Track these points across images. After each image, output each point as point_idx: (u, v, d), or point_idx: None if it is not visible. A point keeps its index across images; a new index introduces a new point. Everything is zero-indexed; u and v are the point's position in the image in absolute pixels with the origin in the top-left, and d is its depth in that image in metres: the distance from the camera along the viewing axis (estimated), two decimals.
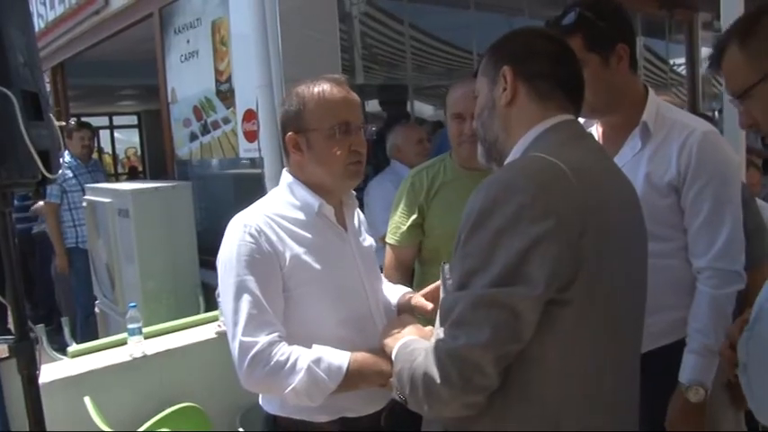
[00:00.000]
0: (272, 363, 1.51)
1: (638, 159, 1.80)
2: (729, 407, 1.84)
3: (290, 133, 1.66)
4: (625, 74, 1.81)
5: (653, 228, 1.68)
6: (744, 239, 1.77)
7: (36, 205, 5.64)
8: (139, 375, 2.64)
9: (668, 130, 1.79)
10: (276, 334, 1.54)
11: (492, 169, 1.45)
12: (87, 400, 2.36)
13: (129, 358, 2.64)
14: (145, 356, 2.66)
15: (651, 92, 1.87)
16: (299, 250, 1.61)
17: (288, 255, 1.59)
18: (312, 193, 1.67)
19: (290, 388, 1.51)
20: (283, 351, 1.53)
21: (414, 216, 2.33)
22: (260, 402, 1.74)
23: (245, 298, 1.54)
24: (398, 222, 2.37)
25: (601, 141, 1.92)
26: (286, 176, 1.73)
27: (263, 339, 1.52)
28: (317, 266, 1.62)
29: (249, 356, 1.51)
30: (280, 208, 1.67)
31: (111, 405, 2.45)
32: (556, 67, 1.33)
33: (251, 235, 1.58)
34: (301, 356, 1.53)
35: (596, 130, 1.96)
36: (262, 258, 1.57)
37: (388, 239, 2.41)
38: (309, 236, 1.64)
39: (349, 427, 1.65)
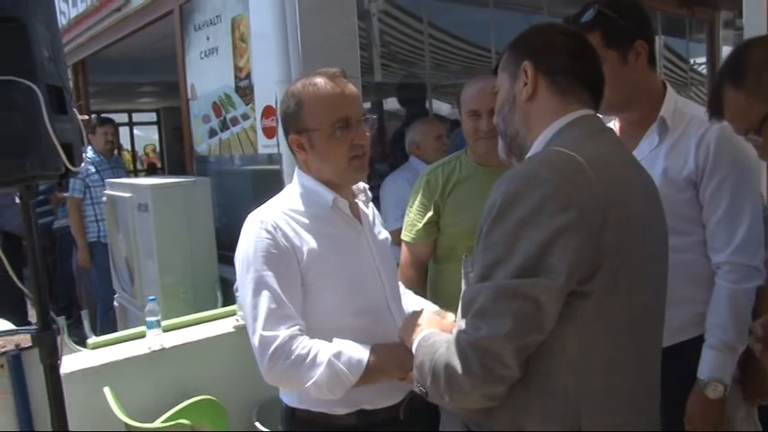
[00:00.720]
0: (293, 357, 1.52)
1: (655, 154, 1.81)
2: (742, 403, 1.83)
3: (291, 135, 1.68)
4: (643, 70, 1.81)
5: (671, 222, 1.70)
6: (763, 234, 1.76)
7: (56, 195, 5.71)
8: (158, 368, 2.67)
9: (686, 126, 1.80)
10: (297, 327, 1.56)
11: (511, 164, 1.46)
12: (107, 390, 2.39)
13: (148, 351, 2.67)
14: (163, 349, 2.69)
15: (669, 88, 1.88)
16: (316, 244, 1.62)
17: (305, 249, 1.61)
18: (326, 188, 1.68)
19: (311, 381, 1.52)
20: (304, 345, 1.54)
21: (429, 213, 2.34)
22: (279, 395, 1.75)
23: (265, 293, 1.56)
24: (414, 219, 2.38)
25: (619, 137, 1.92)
26: (299, 173, 1.75)
27: (283, 333, 1.53)
28: (334, 259, 1.64)
29: (270, 351, 1.53)
30: (295, 203, 1.69)
31: (129, 396, 2.49)
32: (576, 63, 1.34)
33: (267, 231, 1.60)
34: (322, 350, 1.54)
35: (614, 126, 1.96)
36: (279, 253, 1.59)
37: (403, 236, 2.42)
38: (325, 229, 1.66)
39: (367, 419, 1.67)
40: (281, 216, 1.64)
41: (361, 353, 1.55)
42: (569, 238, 1.10)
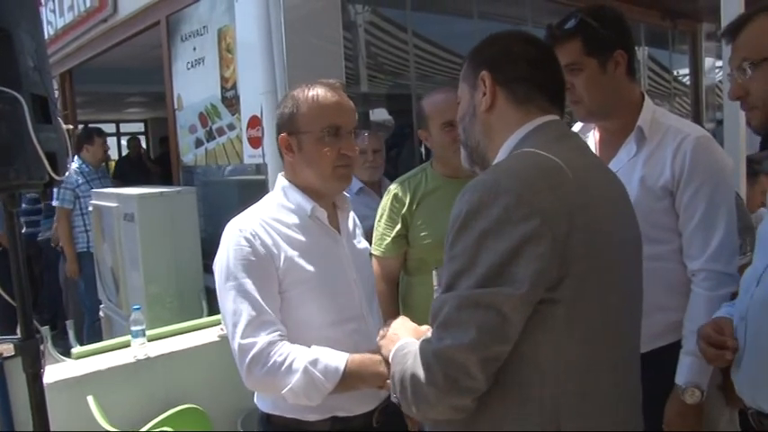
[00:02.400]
0: (270, 363, 1.54)
1: (633, 163, 1.84)
2: (725, 407, 1.86)
3: (282, 134, 1.71)
4: (622, 79, 1.84)
5: (648, 230, 1.70)
6: (737, 242, 1.80)
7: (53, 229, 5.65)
8: (142, 377, 2.66)
9: (663, 135, 1.82)
10: (277, 333, 1.57)
11: (475, 174, 1.46)
12: (90, 399, 2.39)
13: (133, 360, 2.66)
14: (148, 359, 2.69)
15: (647, 98, 1.91)
16: (293, 253, 1.64)
17: (282, 256, 1.63)
18: (305, 196, 1.70)
19: (287, 388, 1.54)
20: (281, 351, 1.55)
21: (398, 227, 2.35)
22: (255, 401, 1.76)
23: (244, 300, 1.58)
24: (383, 233, 2.39)
25: (598, 146, 1.97)
26: (281, 180, 1.77)
27: (262, 339, 1.55)
28: (310, 268, 1.65)
29: (248, 357, 1.54)
30: (274, 212, 1.71)
31: (114, 406, 2.48)
32: (535, 71, 1.33)
33: (246, 239, 1.62)
34: (299, 357, 1.55)
35: (593, 136, 2.00)
36: (258, 261, 1.61)
37: (373, 251, 2.40)
38: (303, 238, 1.67)
39: (340, 426, 1.68)
40: (259, 224, 1.65)
41: (338, 360, 1.57)
42: (534, 245, 1.09)
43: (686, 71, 7.93)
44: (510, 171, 1.19)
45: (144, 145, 12.66)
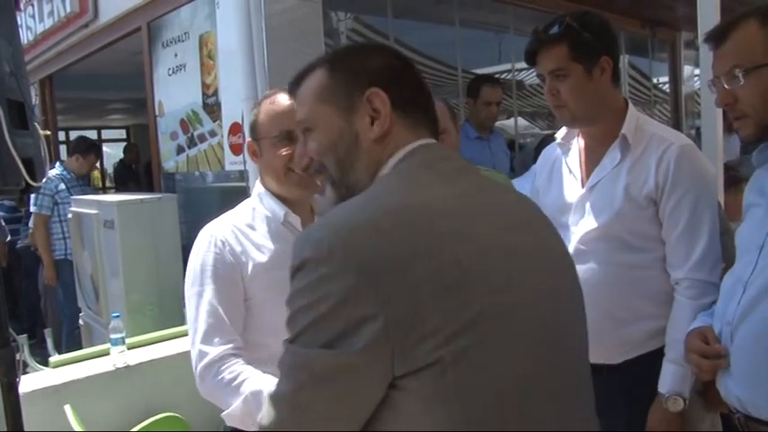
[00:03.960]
0: (219, 378, 1.55)
1: (617, 171, 1.84)
2: (706, 413, 1.86)
3: (249, 140, 1.77)
4: (607, 86, 1.85)
5: (632, 239, 1.80)
6: (720, 250, 1.79)
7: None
8: (122, 385, 2.64)
9: (647, 144, 1.82)
10: (231, 345, 1.59)
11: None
12: (68, 408, 2.36)
13: (112, 368, 2.64)
14: (128, 367, 2.66)
15: (631, 105, 1.91)
16: (262, 260, 1.65)
17: (250, 264, 1.64)
18: (279, 202, 1.72)
19: (229, 409, 1.54)
20: (233, 369, 1.55)
21: None
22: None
23: (204, 307, 1.60)
24: None
25: (582, 153, 1.97)
26: (258, 187, 1.79)
27: (216, 351, 1.57)
28: (279, 275, 1.60)
29: (202, 365, 1.57)
30: (247, 217, 1.72)
31: (92, 415, 2.45)
32: (420, 89, 1.14)
33: (216, 245, 1.65)
34: (246, 381, 1.53)
35: (577, 143, 2.01)
36: (224, 269, 1.63)
37: None
38: (273, 246, 1.68)
39: None
40: (231, 231, 1.67)
41: None
42: (351, 307, 0.89)
43: (666, 79, 8.02)
44: (328, 218, 1.00)
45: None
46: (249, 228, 1.70)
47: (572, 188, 1.95)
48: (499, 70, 6.06)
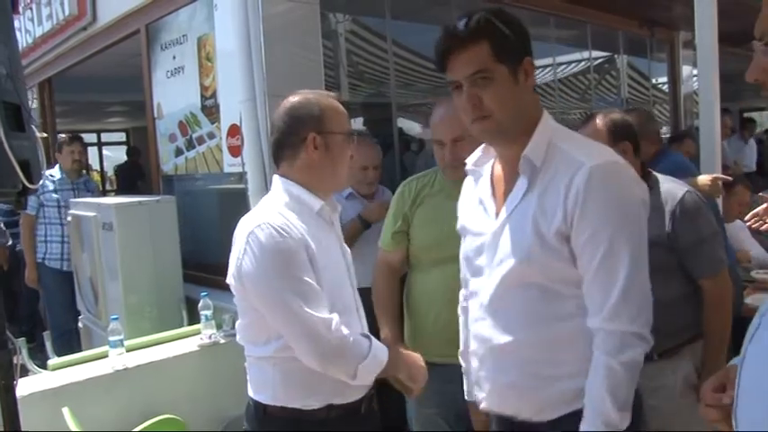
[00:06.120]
0: (344, 337, 1.67)
1: (527, 203, 1.53)
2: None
3: (311, 133, 1.78)
4: (530, 93, 1.58)
5: (551, 285, 1.51)
6: (650, 291, 1.51)
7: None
8: (121, 388, 2.64)
9: (557, 166, 1.51)
10: (335, 313, 1.70)
11: None
12: (66, 410, 2.36)
13: (111, 371, 2.64)
14: (126, 369, 2.67)
15: (547, 117, 1.60)
16: (315, 244, 1.72)
17: (312, 245, 1.71)
18: (311, 194, 1.80)
19: (362, 363, 1.68)
20: (346, 330, 1.69)
21: (399, 223, 2.42)
22: (250, 393, 1.81)
23: (300, 286, 1.66)
24: (387, 227, 2.48)
25: (496, 180, 1.67)
26: (282, 181, 1.82)
27: (333, 316, 1.68)
28: (323, 260, 1.74)
29: (324, 330, 1.65)
30: (283, 210, 1.76)
31: (91, 417, 2.46)
32: None
33: (277, 232, 1.67)
34: (358, 336, 1.73)
35: (487, 171, 1.71)
36: (297, 250, 1.68)
37: (379, 242, 2.52)
38: (315, 233, 1.76)
39: (334, 412, 1.76)
40: (281, 219, 1.71)
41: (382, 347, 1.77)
42: None
43: (665, 79, 8.02)
44: None
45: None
46: (294, 217, 1.74)
47: (483, 225, 1.64)
48: None
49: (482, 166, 1.71)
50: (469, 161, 1.74)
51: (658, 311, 1.74)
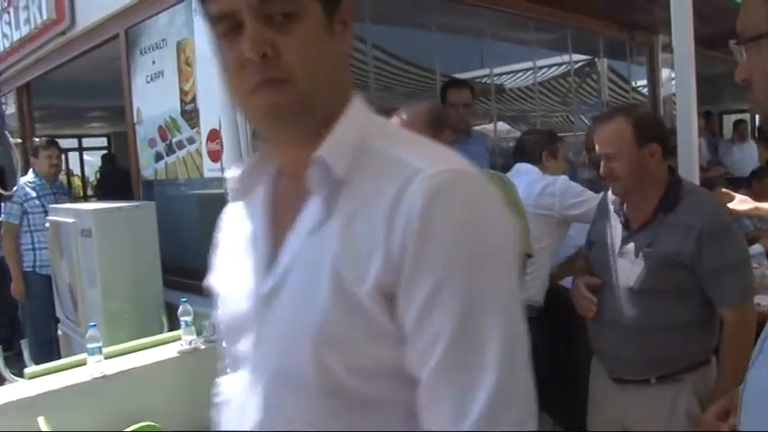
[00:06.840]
0: None
1: (321, 241, 0.91)
2: None
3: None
4: (344, 59, 1.01)
5: (358, 386, 0.90)
6: (529, 368, 0.88)
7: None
8: (99, 396, 2.61)
9: (375, 177, 0.91)
10: None
11: None
12: (41, 419, 2.33)
13: (89, 378, 2.61)
14: (105, 376, 2.64)
15: (357, 101, 1.00)
16: None
17: None
18: None
19: None
20: None
21: None
22: None
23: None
24: None
25: (286, 207, 1.01)
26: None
27: None
28: None
29: None
30: None
31: (69, 426, 2.43)
32: None
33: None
34: None
35: (267, 190, 1.08)
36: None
37: None
38: None
39: None
40: None
41: None
42: None
43: (644, 82, 8.11)
44: None
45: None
46: None
47: (246, 285, 1.02)
48: (478, 75, 6.10)
49: (254, 183, 1.08)
50: (229, 175, 1.10)
51: (667, 334, 1.67)
